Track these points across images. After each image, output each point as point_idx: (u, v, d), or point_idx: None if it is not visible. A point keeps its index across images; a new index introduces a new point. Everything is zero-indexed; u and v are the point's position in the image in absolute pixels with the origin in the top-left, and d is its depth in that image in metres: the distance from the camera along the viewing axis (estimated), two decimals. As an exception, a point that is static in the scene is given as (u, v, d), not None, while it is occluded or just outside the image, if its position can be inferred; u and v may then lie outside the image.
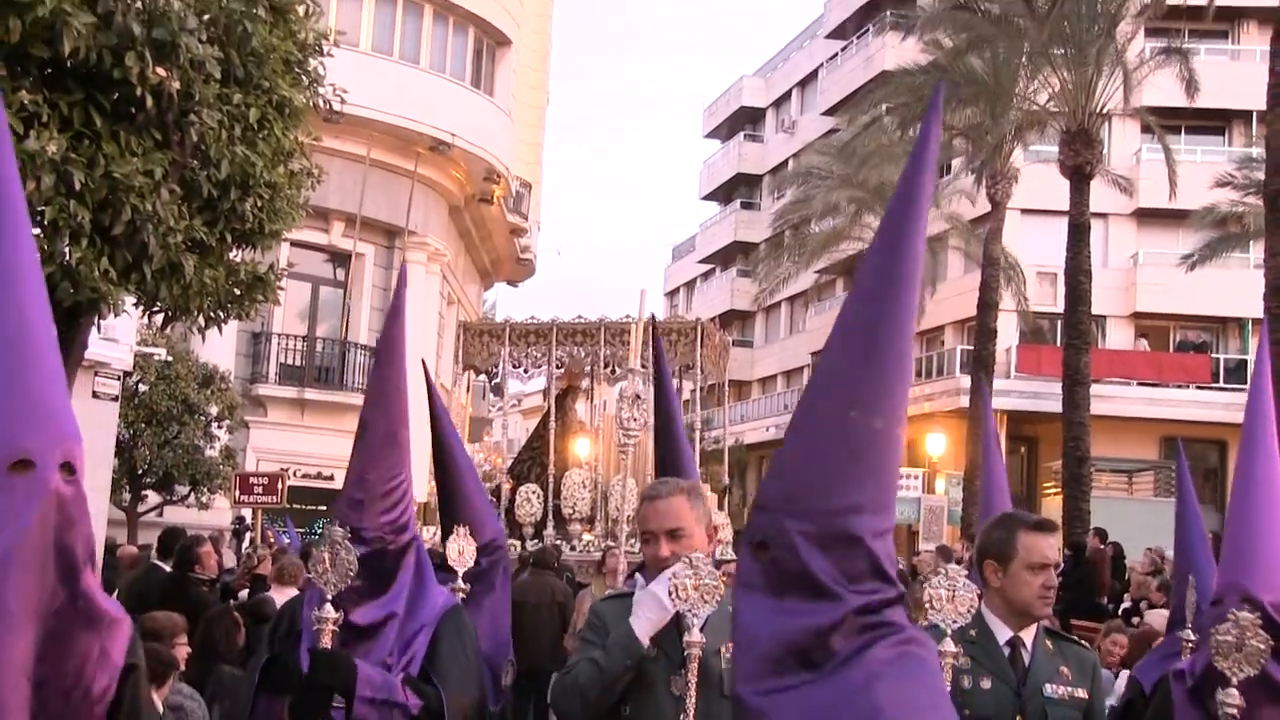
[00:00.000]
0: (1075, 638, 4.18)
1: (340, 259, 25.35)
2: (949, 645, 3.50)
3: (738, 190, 54.38)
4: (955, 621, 3.61)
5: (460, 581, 5.78)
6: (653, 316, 11.98)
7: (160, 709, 5.71)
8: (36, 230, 6.15)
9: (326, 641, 3.37)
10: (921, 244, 2.21)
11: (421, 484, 22.36)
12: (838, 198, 31.75)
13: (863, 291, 2.21)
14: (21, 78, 5.98)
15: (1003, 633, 3.93)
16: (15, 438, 2.41)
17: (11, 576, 2.38)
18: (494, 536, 5.45)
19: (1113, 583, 15.54)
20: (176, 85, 6.23)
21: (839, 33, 46.66)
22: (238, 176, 6.97)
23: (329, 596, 3.39)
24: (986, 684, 3.87)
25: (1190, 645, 4.48)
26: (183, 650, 6.66)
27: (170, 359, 17.81)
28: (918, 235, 2.19)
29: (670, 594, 3.47)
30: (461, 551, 5.95)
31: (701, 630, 3.57)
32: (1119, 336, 35.08)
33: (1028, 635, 3.95)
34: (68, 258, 6.15)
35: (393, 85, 24.43)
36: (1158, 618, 10.40)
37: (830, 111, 42.84)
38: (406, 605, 3.60)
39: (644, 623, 3.57)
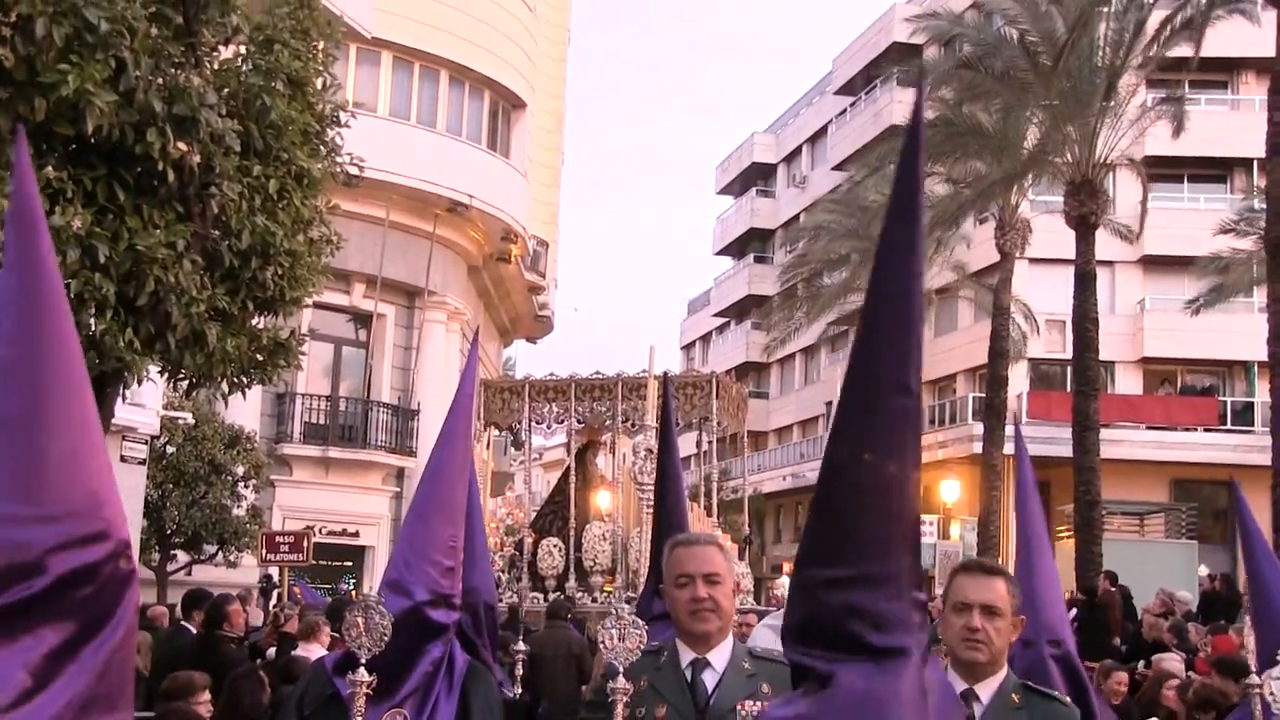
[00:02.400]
0: (1056, 694, 3.75)
1: (362, 319, 25.62)
2: None
3: (751, 244, 54.66)
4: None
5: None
6: (665, 374, 12.16)
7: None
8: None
9: (360, 705, 3.38)
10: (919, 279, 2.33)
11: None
12: (846, 249, 31.96)
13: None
14: (47, 155, 6.17)
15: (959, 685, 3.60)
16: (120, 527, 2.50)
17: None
18: (482, 587, 5.55)
19: (1125, 624, 15.57)
20: (197, 159, 6.40)
21: (847, 89, 47.07)
22: (258, 246, 7.13)
23: (363, 660, 3.41)
24: None
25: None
26: (205, 709, 6.80)
27: (196, 421, 18.02)
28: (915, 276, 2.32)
29: (601, 643, 3.54)
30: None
31: (718, 687, 3.67)
32: (1127, 381, 35.11)
33: (985, 690, 3.56)
34: (93, 329, 6.32)
35: (410, 149, 24.78)
36: (1171, 662, 10.47)
37: (840, 166, 43.15)
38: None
39: None
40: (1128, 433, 31.25)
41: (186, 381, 7.71)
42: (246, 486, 19.41)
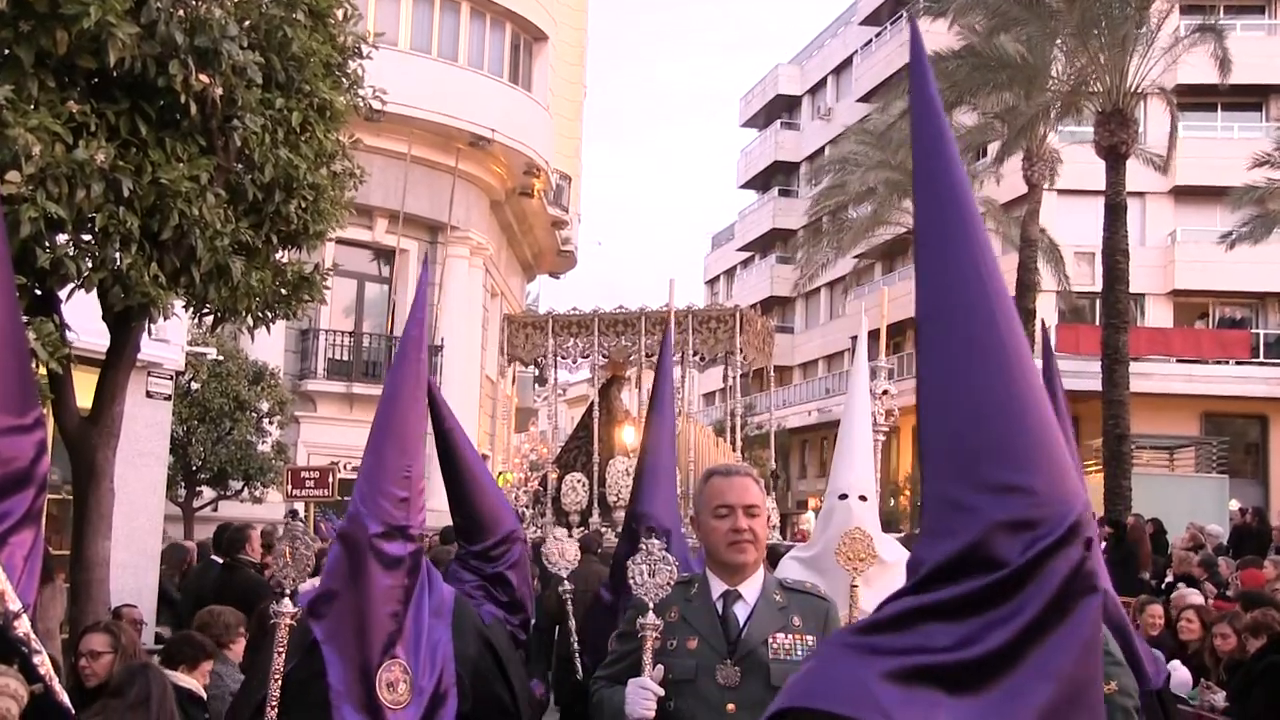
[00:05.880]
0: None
1: (384, 255, 25.65)
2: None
3: (775, 178, 54.33)
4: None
5: (567, 584, 5.98)
6: (669, 311, 12.07)
7: (199, 690, 5.96)
8: (88, 237, 6.31)
9: (283, 635, 3.40)
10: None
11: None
12: (874, 181, 31.70)
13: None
14: (69, 88, 6.12)
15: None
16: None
17: None
18: (512, 529, 5.60)
19: (1155, 558, 15.56)
20: (219, 91, 6.32)
21: (873, 19, 46.54)
22: (281, 179, 7.06)
23: (288, 591, 3.44)
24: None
25: None
26: (242, 642, 6.89)
27: (221, 357, 18.09)
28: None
29: (631, 579, 3.61)
30: (563, 553, 6.21)
31: (750, 620, 3.66)
32: (1158, 313, 34.85)
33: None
34: (118, 264, 6.30)
35: (432, 83, 24.63)
36: (1193, 595, 10.46)
37: (865, 98, 42.75)
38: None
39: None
40: (1157, 366, 31.05)
41: (211, 316, 7.68)
42: (271, 423, 19.51)
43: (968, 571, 1.95)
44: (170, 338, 12.60)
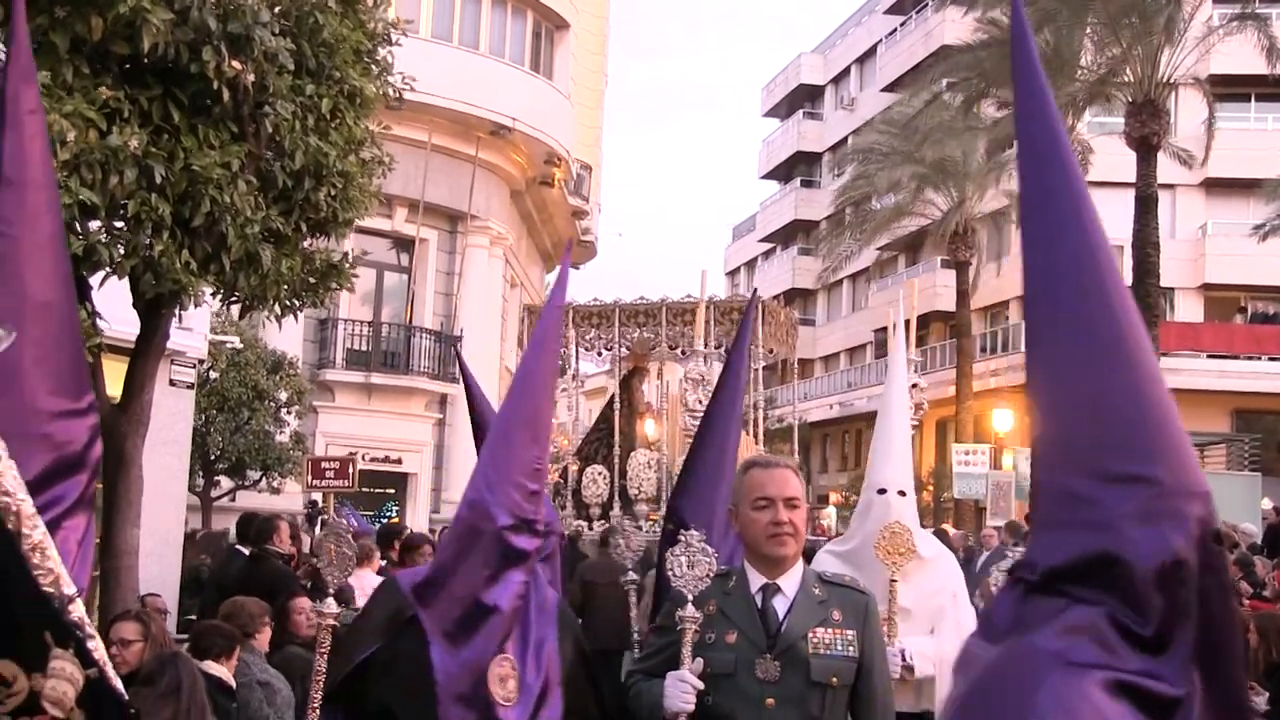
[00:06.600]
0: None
1: (404, 244, 25.54)
2: None
3: (797, 168, 54.16)
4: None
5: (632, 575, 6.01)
6: (755, 292, 11.88)
7: (229, 680, 5.94)
8: (120, 224, 6.29)
9: (326, 636, 3.35)
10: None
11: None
12: (900, 174, 31.55)
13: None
14: (103, 74, 6.10)
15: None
16: None
17: None
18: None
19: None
20: (251, 78, 6.30)
21: (897, 8, 46.33)
22: (311, 166, 7.04)
23: (331, 591, 3.40)
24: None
25: None
26: (267, 631, 6.86)
27: (241, 346, 18.06)
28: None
29: (670, 571, 3.59)
30: (629, 543, 6.18)
31: (789, 613, 3.62)
32: (1188, 308, 34.60)
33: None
34: (150, 250, 6.28)
35: (452, 71, 24.54)
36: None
37: (890, 88, 42.56)
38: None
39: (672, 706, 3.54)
40: (1188, 361, 30.82)
41: (240, 304, 7.67)
42: (289, 412, 19.44)
43: (1099, 574, 1.84)
44: (194, 326, 12.61)
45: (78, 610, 1.99)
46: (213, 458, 18.25)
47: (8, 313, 2.37)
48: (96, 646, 1.94)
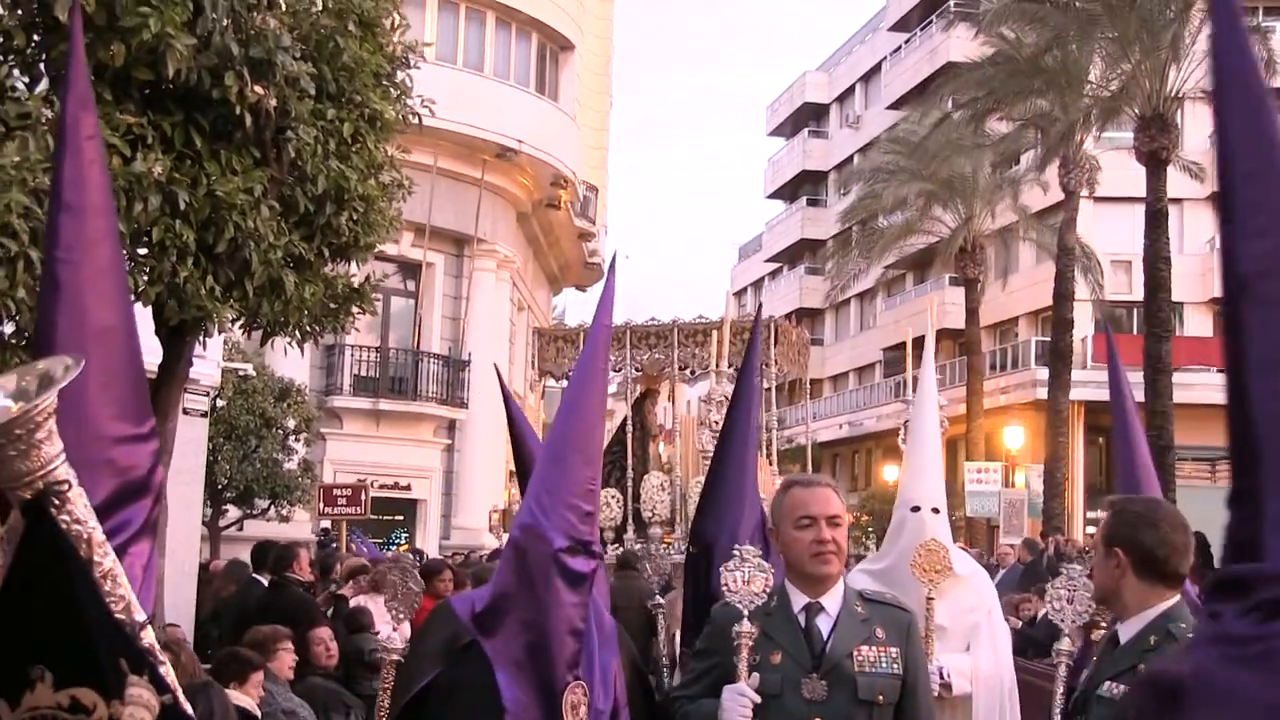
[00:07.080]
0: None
1: (410, 269, 25.50)
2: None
3: (803, 187, 54.20)
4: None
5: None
6: (759, 307, 11.86)
7: (254, 709, 5.90)
8: (144, 250, 6.26)
9: (390, 670, 3.34)
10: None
11: (499, 490, 22.48)
12: (907, 191, 31.55)
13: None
14: (125, 100, 6.08)
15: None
16: None
17: None
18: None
19: (1203, 572, 15.35)
20: (273, 102, 6.29)
21: (901, 25, 46.37)
22: (333, 191, 7.01)
23: (396, 628, 3.38)
24: None
25: None
26: (289, 656, 6.81)
27: (253, 373, 17.97)
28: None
29: (725, 586, 3.59)
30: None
31: (833, 632, 3.61)
32: (1197, 322, 34.53)
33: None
34: (175, 277, 6.25)
35: (458, 93, 24.49)
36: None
37: (895, 105, 42.59)
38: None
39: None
40: (1198, 375, 30.72)
41: (261, 331, 7.64)
42: (297, 440, 19.29)
43: None
44: (208, 354, 12.56)
45: (149, 636, 1.99)
46: (220, 486, 18.10)
47: (71, 338, 2.36)
48: (168, 672, 1.93)
